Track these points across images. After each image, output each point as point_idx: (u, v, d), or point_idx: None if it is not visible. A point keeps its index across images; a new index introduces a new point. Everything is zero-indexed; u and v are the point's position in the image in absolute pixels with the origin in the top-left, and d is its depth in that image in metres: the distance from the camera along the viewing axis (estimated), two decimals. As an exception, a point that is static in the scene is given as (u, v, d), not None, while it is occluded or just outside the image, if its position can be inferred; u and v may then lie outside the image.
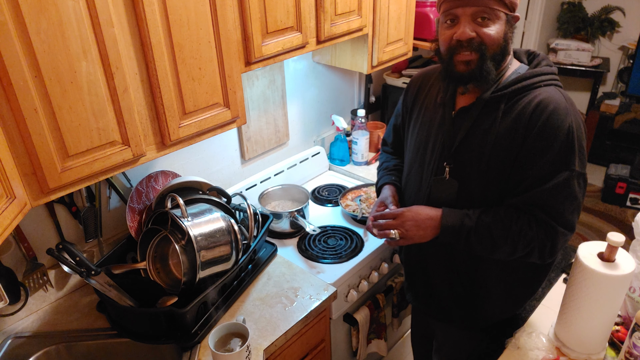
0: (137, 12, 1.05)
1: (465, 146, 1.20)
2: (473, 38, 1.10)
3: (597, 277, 1.07)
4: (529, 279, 1.30)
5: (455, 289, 1.33)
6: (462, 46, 1.12)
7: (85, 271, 1.26)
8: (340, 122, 2.16)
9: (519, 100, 1.14)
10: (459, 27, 1.12)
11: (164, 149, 1.23)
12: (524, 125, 1.12)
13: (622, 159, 3.86)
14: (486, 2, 1.08)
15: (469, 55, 1.12)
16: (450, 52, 1.15)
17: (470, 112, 1.20)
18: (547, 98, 1.12)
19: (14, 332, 1.36)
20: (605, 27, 4.09)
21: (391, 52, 1.88)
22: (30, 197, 1.01)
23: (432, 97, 1.32)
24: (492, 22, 1.10)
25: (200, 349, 1.29)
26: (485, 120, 1.17)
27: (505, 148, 1.14)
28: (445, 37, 1.16)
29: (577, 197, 1.12)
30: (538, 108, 1.11)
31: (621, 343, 1.18)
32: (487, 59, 1.12)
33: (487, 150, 1.16)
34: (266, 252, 1.63)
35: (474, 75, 1.14)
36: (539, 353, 1.18)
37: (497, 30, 1.11)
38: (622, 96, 4.03)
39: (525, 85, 1.15)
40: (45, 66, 0.93)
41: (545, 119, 1.10)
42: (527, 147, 1.12)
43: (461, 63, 1.14)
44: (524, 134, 1.12)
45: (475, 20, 1.10)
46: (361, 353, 1.81)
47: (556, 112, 1.10)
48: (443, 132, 1.25)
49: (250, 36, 1.30)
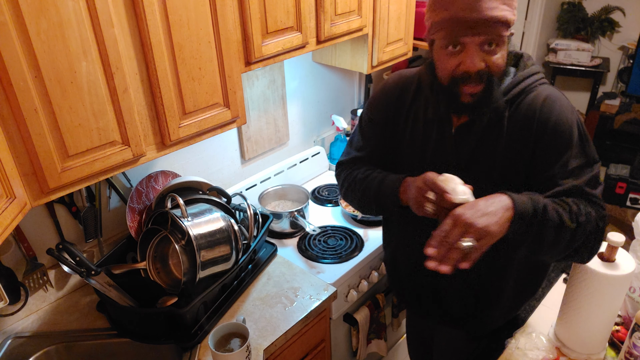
0: (137, 12, 1.05)
1: (473, 161, 1.13)
2: (482, 69, 1.02)
3: (597, 277, 1.07)
4: (533, 281, 1.29)
5: (466, 300, 1.28)
6: (469, 77, 1.02)
7: (85, 271, 1.26)
8: (340, 122, 2.16)
9: (520, 103, 1.10)
10: (466, 56, 1.01)
11: (164, 149, 1.23)
12: (535, 125, 1.07)
13: (622, 159, 3.85)
14: (497, 30, 0.99)
15: (475, 86, 1.04)
16: (454, 81, 1.05)
17: (473, 128, 1.12)
18: (551, 96, 1.09)
19: (14, 332, 1.36)
20: (605, 27, 4.09)
21: (391, 52, 1.88)
22: (30, 197, 1.01)
23: (419, 110, 1.20)
24: (499, 48, 1.02)
25: (200, 349, 1.29)
26: (492, 130, 1.11)
27: (517, 151, 1.09)
28: (448, 66, 1.05)
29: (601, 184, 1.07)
30: (545, 106, 1.07)
31: (621, 343, 1.18)
32: (494, 89, 1.05)
33: (498, 159, 1.11)
34: (266, 252, 1.63)
35: (480, 105, 1.06)
36: (539, 353, 1.18)
37: (503, 55, 1.04)
38: (622, 96, 4.02)
39: (524, 88, 1.10)
40: (45, 66, 0.93)
41: (556, 116, 1.06)
42: (543, 146, 1.07)
43: (467, 95, 1.05)
44: (536, 134, 1.07)
45: (483, 48, 1.01)
46: (361, 353, 1.81)
47: (563, 108, 1.08)
48: (445, 151, 1.16)
49: (250, 36, 1.30)
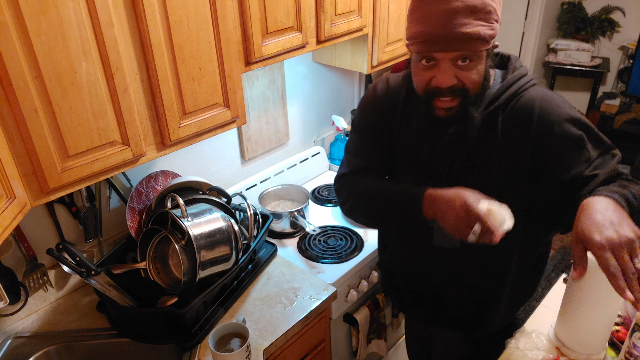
0: (137, 12, 1.05)
1: (468, 167, 1.12)
2: (454, 84, 1.00)
3: (597, 277, 1.06)
4: (530, 283, 1.29)
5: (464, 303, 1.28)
6: (441, 93, 1.02)
7: (85, 271, 1.27)
8: (340, 122, 2.16)
9: (514, 106, 1.07)
10: (438, 71, 1.00)
11: (164, 149, 1.23)
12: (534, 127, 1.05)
13: (622, 159, 3.85)
14: (471, 46, 0.96)
15: (450, 101, 1.02)
16: (427, 95, 1.04)
17: (466, 135, 1.09)
18: (545, 97, 1.07)
19: (14, 332, 1.36)
20: (605, 27, 4.09)
21: (391, 52, 1.88)
22: (30, 197, 1.02)
23: (411, 116, 1.17)
24: (475, 63, 0.99)
25: (200, 349, 1.29)
26: (486, 136, 1.09)
27: (515, 154, 1.07)
28: (421, 79, 1.04)
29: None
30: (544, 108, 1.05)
31: (621, 343, 1.18)
32: (469, 103, 1.03)
33: (494, 165, 1.09)
34: (266, 252, 1.63)
35: (455, 120, 1.05)
36: (539, 353, 1.18)
37: (479, 70, 1.01)
38: (622, 96, 4.03)
39: (515, 91, 1.07)
40: (45, 67, 0.93)
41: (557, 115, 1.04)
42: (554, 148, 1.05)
43: (441, 109, 1.04)
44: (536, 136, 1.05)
45: (456, 64, 0.99)
46: (361, 353, 1.81)
47: (560, 105, 1.06)
48: (439, 158, 1.14)
49: (250, 36, 1.30)
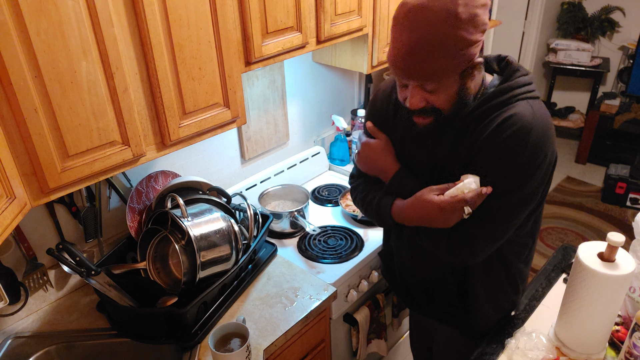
0: (137, 12, 1.05)
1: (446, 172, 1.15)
2: (424, 106, 1.06)
3: (597, 277, 1.07)
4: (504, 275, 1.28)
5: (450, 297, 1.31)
6: (414, 112, 1.08)
7: (85, 271, 1.26)
8: (340, 122, 2.16)
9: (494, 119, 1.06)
10: (409, 93, 1.06)
11: (164, 149, 1.23)
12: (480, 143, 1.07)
13: (622, 159, 3.86)
14: (432, 78, 1.00)
15: (424, 119, 1.09)
16: (406, 109, 1.10)
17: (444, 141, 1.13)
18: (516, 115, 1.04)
19: (14, 332, 1.36)
20: (605, 27, 4.09)
21: (391, 52, 1.88)
22: (30, 197, 1.01)
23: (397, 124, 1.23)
24: (443, 88, 1.03)
25: (200, 349, 1.29)
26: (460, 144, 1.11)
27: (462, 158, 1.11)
28: (400, 96, 1.11)
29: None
30: (504, 124, 1.04)
31: (621, 343, 1.18)
32: (445, 119, 1.08)
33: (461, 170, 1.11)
34: (266, 252, 1.63)
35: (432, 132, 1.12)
36: (539, 353, 1.18)
37: (448, 94, 1.04)
38: (622, 96, 4.03)
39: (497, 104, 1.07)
40: (45, 66, 0.93)
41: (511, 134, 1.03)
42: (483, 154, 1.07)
43: (419, 123, 1.12)
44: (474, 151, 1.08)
45: (425, 88, 1.03)
46: (361, 353, 1.81)
47: (517, 132, 1.03)
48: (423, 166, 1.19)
49: (250, 36, 1.30)
